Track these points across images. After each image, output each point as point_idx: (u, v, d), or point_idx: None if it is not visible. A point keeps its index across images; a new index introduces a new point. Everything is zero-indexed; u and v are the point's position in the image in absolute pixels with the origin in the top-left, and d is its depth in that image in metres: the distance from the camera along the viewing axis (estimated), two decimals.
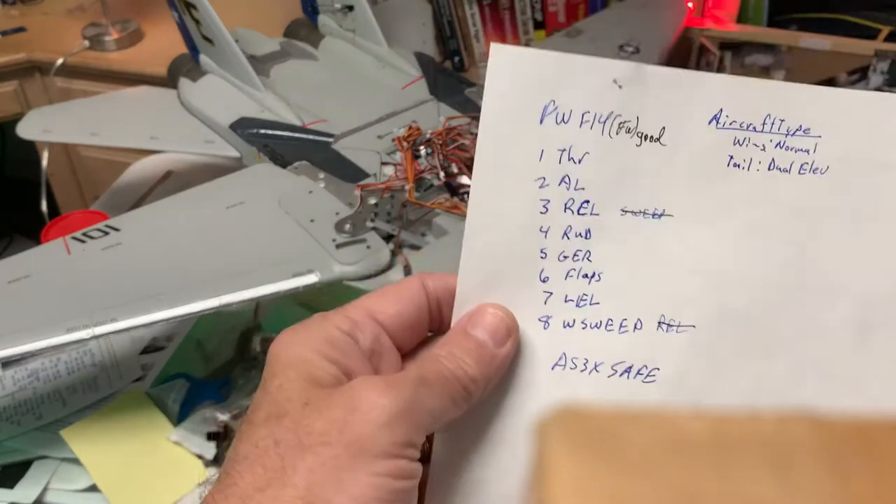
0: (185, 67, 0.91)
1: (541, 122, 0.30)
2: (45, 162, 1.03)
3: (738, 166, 0.30)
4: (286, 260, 0.60)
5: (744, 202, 0.30)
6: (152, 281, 0.59)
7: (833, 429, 0.14)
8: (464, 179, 0.70)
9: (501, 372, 0.31)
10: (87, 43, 1.24)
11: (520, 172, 0.31)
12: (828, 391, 0.31)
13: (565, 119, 0.30)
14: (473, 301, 0.32)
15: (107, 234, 0.64)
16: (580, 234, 0.31)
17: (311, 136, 0.77)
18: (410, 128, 0.76)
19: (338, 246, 0.62)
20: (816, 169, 0.30)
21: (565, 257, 0.31)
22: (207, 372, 0.68)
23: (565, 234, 0.31)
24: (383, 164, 0.72)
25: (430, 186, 0.69)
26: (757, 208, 0.30)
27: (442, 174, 0.70)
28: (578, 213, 0.31)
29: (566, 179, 0.31)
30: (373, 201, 0.68)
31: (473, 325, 0.31)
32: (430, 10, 1.15)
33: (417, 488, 0.29)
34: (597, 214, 0.31)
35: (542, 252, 0.31)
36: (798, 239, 0.31)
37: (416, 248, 0.64)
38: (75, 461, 0.60)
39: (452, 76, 0.89)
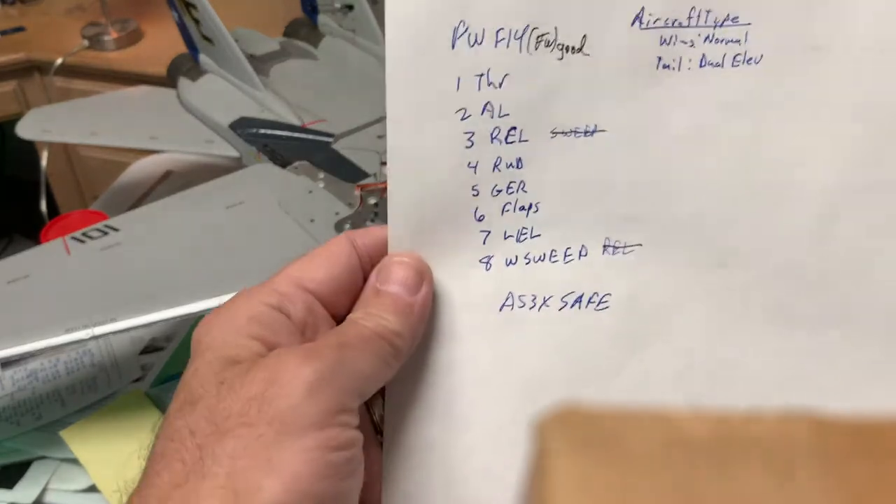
0: (184, 67, 0.91)
1: (452, 46, 0.27)
2: (44, 162, 1.03)
3: (668, 67, 0.28)
4: (286, 260, 0.60)
5: (679, 105, 0.28)
6: (152, 281, 0.59)
7: (833, 429, 0.14)
8: None
9: (424, 319, 0.29)
10: (86, 42, 1.24)
11: (437, 107, 0.28)
12: (795, 292, 0.29)
13: (479, 40, 0.27)
14: None
15: (106, 234, 0.63)
16: (511, 165, 0.29)
17: (310, 136, 0.77)
18: None
19: None
20: (750, 59, 0.28)
21: (499, 191, 0.29)
22: None
23: (496, 166, 0.29)
24: (383, 163, 0.72)
25: None
26: (694, 110, 0.28)
27: None
28: (507, 142, 0.29)
29: (488, 107, 0.28)
30: (373, 201, 0.68)
31: (383, 280, 0.29)
32: None
33: (362, 458, 0.26)
34: (526, 140, 0.29)
35: (473, 189, 0.29)
36: (742, 137, 0.28)
37: None
38: (75, 461, 0.60)
39: None
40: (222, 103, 0.84)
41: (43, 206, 1.01)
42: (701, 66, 0.28)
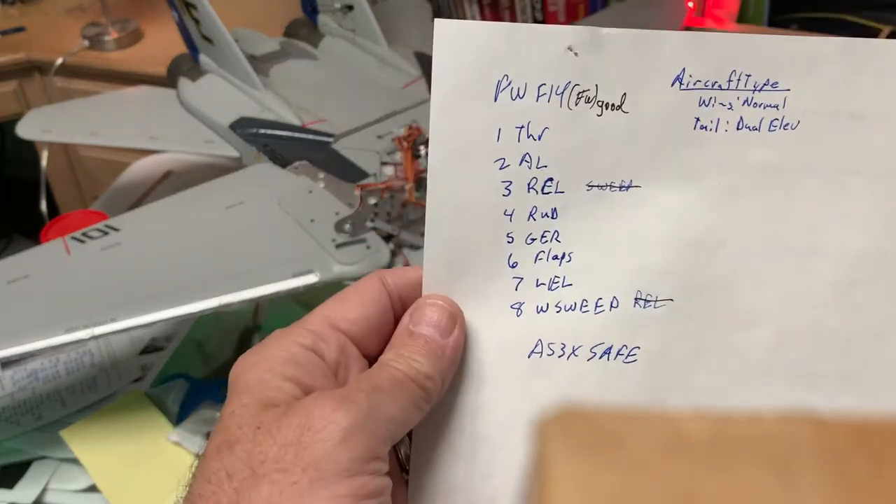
0: (184, 67, 0.91)
1: (495, 99, 0.28)
2: (44, 162, 1.03)
3: (706, 128, 0.29)
4: (286, 260, 0.60)
5: (714, 166, 0.29)
6: (152, 281, 0.59)
7: (833, 429, 0.14)
8: None
9: (455, 362, 0.30)
10: (86, 43, 1.24)
11: (478, 155, 0.29)
12: (816, 355, 0.30)
13: (521, 94, 0.28)
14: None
15: (106, 234, 0.63)
16: (546, 215, 0.30)
17: (310, 136, 0.77)
18: (410, 128, 0.76)
19: (338, 246, 0.62)
20: (787, 125, 0.29)
21: (533, 240, 0.30)
22: (207, 372, 0.68)
23: (531, 215, 0.30)
24: (383, 163, 0.72)
25: None
26: (728, 171, 0.29)
27: None
28: (543, 193, 0.29)
29: (527, 158, 0.29)
30: (373, 201, 0.68)
31: (416, 322, 0.30)
32: (430, 10, 1.14)
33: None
34: (562, 192, 0.29)
35: (508, 237, 0.30)
36: (774, 200, 0.29)
37: (416, 248, 0.64)
38: (75, 461, 0.60)
39: None
40: (222, 103, 0.84)
41: (43, 206, 1.01)
42: (738, 128, 0.29)
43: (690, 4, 1.07)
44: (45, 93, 1.28)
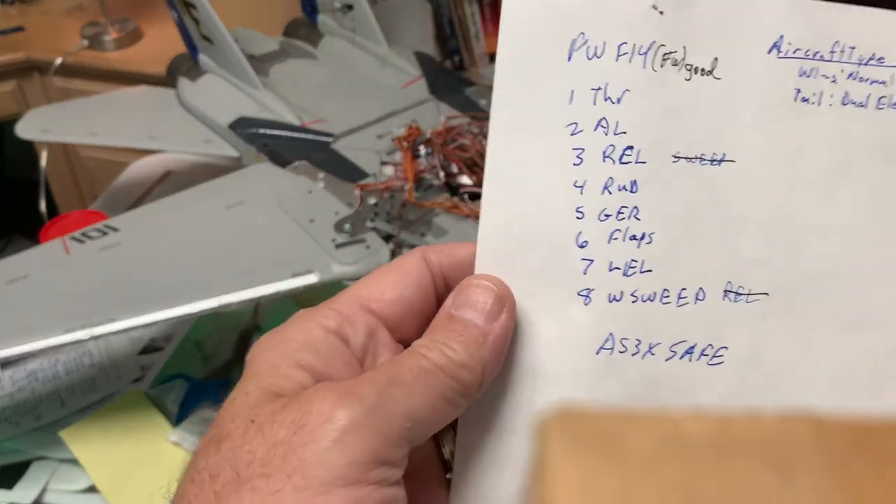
0: (184, 67, 0.91)
1: (569, 58, 0.26)
2: (43, 162, 1.03)
3: (807, 101, 0.26)
4: (286, 260, 0.60)
5: (818, 142, 0.26)
6: (151, 281, 0.59)
7: (834, 429, 0.14)
8: (464, 179, 0.70)
9: (501, 351, 0.26)
10: (85, 42, 1.24)
11: (546, 119, 0.26)
12: None
13: (598, 53, 0.26)
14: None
15: (105, 234, 0.63)
16: (624, 188, 0.26)
17: (310, 136, 0.77)
18: (410, 127, 0.76)
19: (337, 246, 0.62)
20: (895, 104, 0.26)
21: (607, 216, 0.26)
22: (206, 372, 0.68)
23: (606, 187, 0.26)
24: (383, 163, 0.72)
25: (429, 186, 0.69)
26: (834, 149, 0.26)
27: (442, 174, 0.70)
28: (621, 162, 0.26)
29: (603, 123, 0.26)
30: (372, 201, 0.68)
31: (458, 304, 0.26)
32: (430, 10, 1.14)
33: None
34: (643, 162, 0.26)
35: (578, 211, 0.26)
36: (884, 183, 0.26)
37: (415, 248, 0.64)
38: (74, 462, 0.60)
39: (452, 76, 0.89)
40: (222, 103, 0.84)
41: (42, 206, 1.01)
42: (843, 103, 0.26)
43: None
44: (44, 93, 1.28)
